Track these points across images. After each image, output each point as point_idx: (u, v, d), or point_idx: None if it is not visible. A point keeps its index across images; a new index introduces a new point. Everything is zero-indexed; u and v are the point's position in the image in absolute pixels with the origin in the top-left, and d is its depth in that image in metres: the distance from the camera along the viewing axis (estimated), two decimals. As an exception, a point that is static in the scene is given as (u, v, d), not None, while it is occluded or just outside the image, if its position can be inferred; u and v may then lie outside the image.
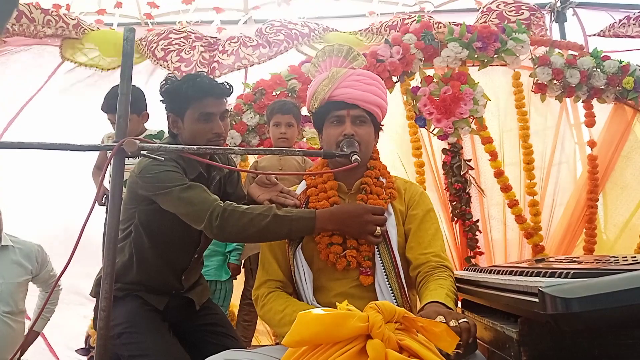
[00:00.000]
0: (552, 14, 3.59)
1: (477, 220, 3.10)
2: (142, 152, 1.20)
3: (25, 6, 3.16)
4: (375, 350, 0.86)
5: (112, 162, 1.16)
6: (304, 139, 2.96)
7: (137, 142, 1.17)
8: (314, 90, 1.49)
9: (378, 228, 1.37)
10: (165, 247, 1.62)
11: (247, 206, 1.44)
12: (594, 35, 3.57)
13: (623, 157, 3.27)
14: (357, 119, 1.45)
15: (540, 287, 0.90)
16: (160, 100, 1.64)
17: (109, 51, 3.28)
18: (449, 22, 3.12)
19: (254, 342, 2.92)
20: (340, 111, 1.44)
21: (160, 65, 3.23)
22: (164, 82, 1.62)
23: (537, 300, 0.91)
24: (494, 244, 3.31)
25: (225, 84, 1.61)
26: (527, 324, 1.05)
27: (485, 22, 3.24)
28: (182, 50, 3.23)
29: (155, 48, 3.24)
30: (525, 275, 1.16)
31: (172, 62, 3.18)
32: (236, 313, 2.71)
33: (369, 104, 1.45)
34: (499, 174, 3.09)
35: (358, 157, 1.36)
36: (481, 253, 3.09)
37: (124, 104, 1.22)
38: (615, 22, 3.44)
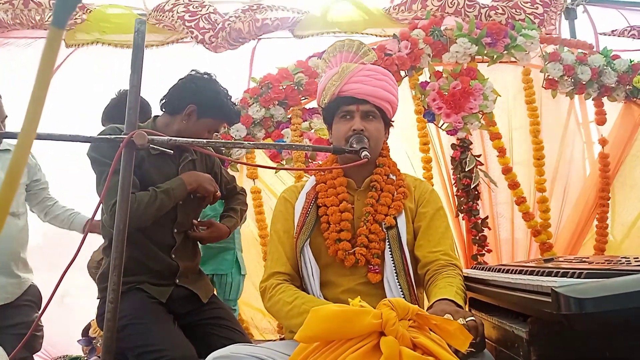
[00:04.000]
0: (563, 11, 3.53)
1: (487, 217, 3.07)
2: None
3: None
4: (389, 348, 0.86)
5: (122, 154, 1.16)
6: (312, 130, 2.95)
7: (146, 134, 1.17)
8: (323, 85, 1.48)
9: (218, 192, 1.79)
10: None
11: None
12: (606, 34, 3.52)
13: (632, 156, 3.22)
14: (367, 114, 1.43)
15: (553, 287, 0.89)
16: (188, 83, 1.69)
17: (112, 29, 3.21)
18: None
19: (259, 338, 2.92)
20: (349, 106, 1.43)
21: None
22: (207, 75, 1.73)
23: (549, 300, 0.90)
24: (502, 242, 3.28)
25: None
26: (537, 323, 1.05)
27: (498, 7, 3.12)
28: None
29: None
30: (536, 274, 1.15)
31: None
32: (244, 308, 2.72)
33: (379, 99, 1.44)
34: (507, 171, 3.05)
35: (368, 154, 1.35)
36: (489, 251, 3.05)
37: (133, 96, 1.21)
38: (630, 27, 3.42)
